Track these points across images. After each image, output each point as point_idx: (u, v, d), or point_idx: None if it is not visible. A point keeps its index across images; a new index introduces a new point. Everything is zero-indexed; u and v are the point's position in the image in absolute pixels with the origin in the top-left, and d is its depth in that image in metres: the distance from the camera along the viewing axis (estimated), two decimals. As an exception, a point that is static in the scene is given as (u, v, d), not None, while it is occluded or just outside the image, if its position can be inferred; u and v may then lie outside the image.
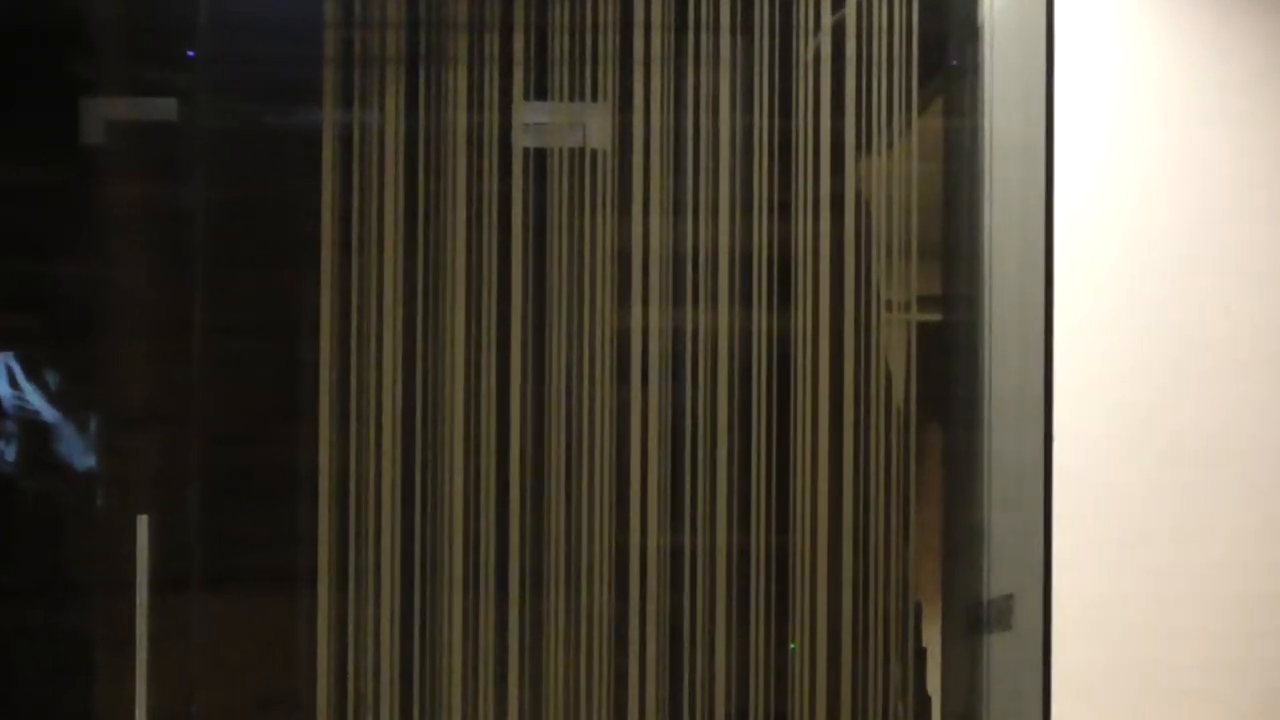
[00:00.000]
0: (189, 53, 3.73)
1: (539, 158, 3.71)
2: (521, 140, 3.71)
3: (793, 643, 3.64)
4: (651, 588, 3.68)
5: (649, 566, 3.69)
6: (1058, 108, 3.56)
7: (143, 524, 3.62)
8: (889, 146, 3.76)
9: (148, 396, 3.73)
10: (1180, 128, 3.59)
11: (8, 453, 3.76)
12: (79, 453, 3.76)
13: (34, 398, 3.76)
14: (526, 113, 3.72)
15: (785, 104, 3.75)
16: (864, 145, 3.76)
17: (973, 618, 3.80)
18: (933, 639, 3.84)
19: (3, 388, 3.75)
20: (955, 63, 3.84)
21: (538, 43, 3.72)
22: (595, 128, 3.73)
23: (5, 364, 3.76)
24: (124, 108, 3.75)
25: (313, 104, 3.68)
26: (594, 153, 3.72)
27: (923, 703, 3.77)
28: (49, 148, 3.74)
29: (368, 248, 3.67)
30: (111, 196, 3.75)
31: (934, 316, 3.84)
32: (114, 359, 3.74)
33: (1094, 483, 3.53)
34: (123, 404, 3.74)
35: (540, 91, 3.72)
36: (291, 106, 3.72)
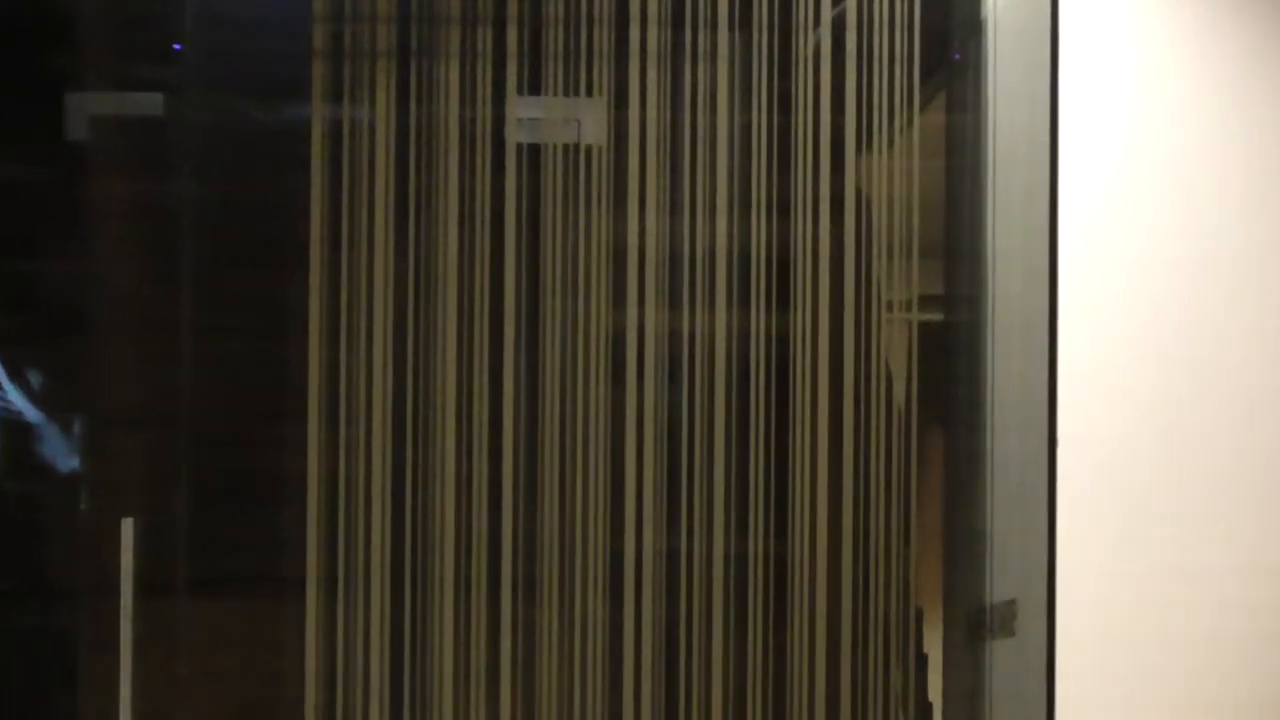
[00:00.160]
0: (175, 46, 3.72)
1: (532, 154, 3.71)
2: (515, 136, 3.71)
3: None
4: (647, 594, 3.68)
5: (644, 572, 3.69)
6: (1065, 104, 3.57)
7: (128, 527, 3.63)
8: (890, 143, 3.77)
9: (133, 397, 3.73)
10: (1194, 125, 3.60)
11: (-9, 454, 3.78)
12: (63, 454, 3.75)
13: (17, 398, 3.75)
14: (520, 108, 3.72)
15: (784, 100, 3.75)
16: (865, 142, 3.76)
17: (975, 623, 3.81)
18: (934, 645, 3.84)
19: (-15, 388, 3.77)
20: (958, 58, 3.85)
21: (531, 36, 3.72)
22: (590, 123, 3.73)
23: (-12, 364, 3.78)
24: (109, 103, 3.75)
25: (302, 99, 3.68)
26: (589, 149, 3.72)
27: (924, 710, 3.76)
28: (32, 144, 3.73)
29: (357, 245, 3.68)
30: (96, 193, 3.74)
31: (936, 317, 3.85)
32: (99, 358, 3.74)
33: (1099, 486, 3.54)
34: (108, 404, 3.74)
35: (534, 86, 3.73)
36: (280, 101, 3.72)
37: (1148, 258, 3.58)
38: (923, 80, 3.77)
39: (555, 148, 3.71)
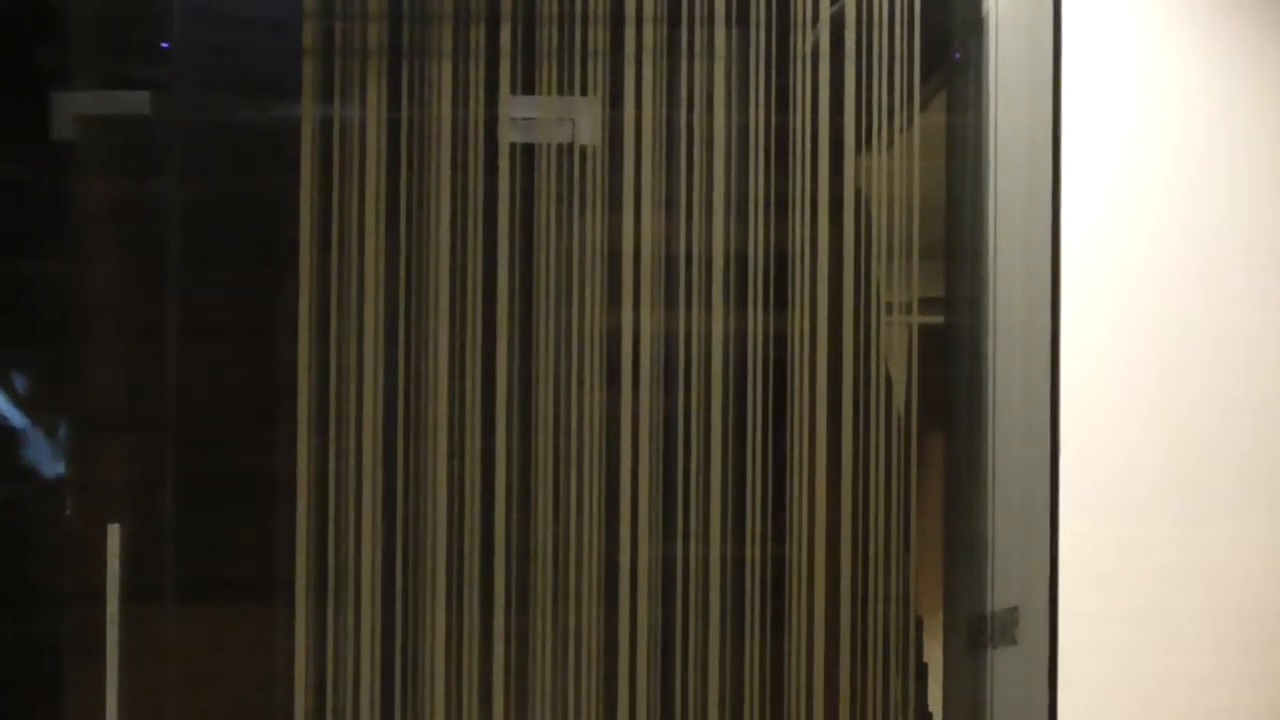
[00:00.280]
0: (163, 44, 3.72)
1: (526, 153, 3.71)
2: (508, 135, 3.70)
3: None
4: (642, 600, 3.67)
5: (639, 578, 3.68)
6: (1068, 103, 3.57)
7: (114, 532, 3.62)
8: (890, 143, 3.76)
9: (120, 399, 3.72)
10: (1200, 125, 3.60)
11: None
12: (48, 459, 3.74)
13: (1, 401, 3.75)
14: (513, 107, 3.72)
15: (782, 99, 3.75)
16: (864, 142, 3.76)
17: (976, 632, 3.80)
18: (934, 654, 3.83)
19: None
20: (959, 56, 3.85)
21: (525, 34, 3.71)
22: (585, 123, 3.72)
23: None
24: (96, 102, 3.74)
25: (292, 98, 3.68)
26: (583, 149, 3.72)
27: (924, 720, 3.78)
28: (18, 144, 3.72)
29: (348, 246, 3.67)
30: (82, 193, 3.74)
31: (936, 319, 3.84)
32: (85, 361, 3.73)
33: (1102, 491, 3.53)
34: (94, 407, 3.73)
35: (528, 85, 3.72)
36: (270, 100, 3.71)
37: (1152, 260, 3.58)
38: (923, 79, 3.76)
39: (549, 147, 3.71)
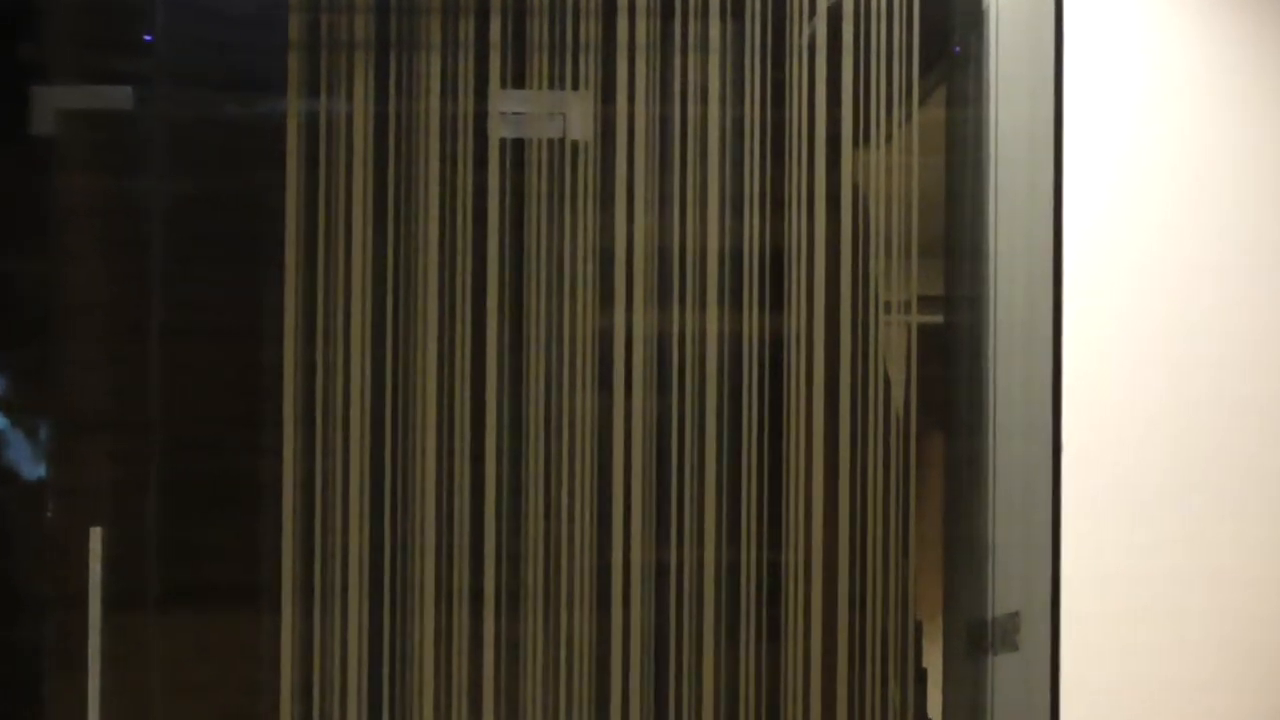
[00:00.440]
0: (146, 37, 3.71)
1: (516, 149, 3.70)
2: (498, 130, 3.70)
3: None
4: (635, 606, 3.67)
5: (632, 583, 3.67)
6: (1070, 98, 3.56)
7: (96, 536, 3.61)
8: (888, 139, 3.76)
9: (102, 400, 3.71)
10: (1204, 120, 3.60)
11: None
12: (28, 460, 3.74)
13: None
14: (503, 101, 3.71)
15: (778, 93, 3.74)
16: (861, 137, 3.76)
17: (976, 637, 3.79)
18: (934, 660, 3.83)
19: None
20: (958, 50, 3.84)
21: (515, 27, 3.71)
22: (576, 117, 3.72)
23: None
24: (77, 96, 3.73)
25: (277, 92, 3.67)
26: (575, 144, 3.71)
27: (923, 727, 3.77)
28: None
29: (334, 243, 3.66)
30: (63, 190, 3.73)
31: (935, 318, 3.84)
32: (66, 361, 3.72)
33: (1105, 493, 3.53)
34: (75, 408, 3.72)
35: (518, 79, 3.71)
36: (255, 95, 3.71)
37: (1155, 257, 3.57)
38: (922, 73, 3.76)
39: (540, 143, 3.70)
